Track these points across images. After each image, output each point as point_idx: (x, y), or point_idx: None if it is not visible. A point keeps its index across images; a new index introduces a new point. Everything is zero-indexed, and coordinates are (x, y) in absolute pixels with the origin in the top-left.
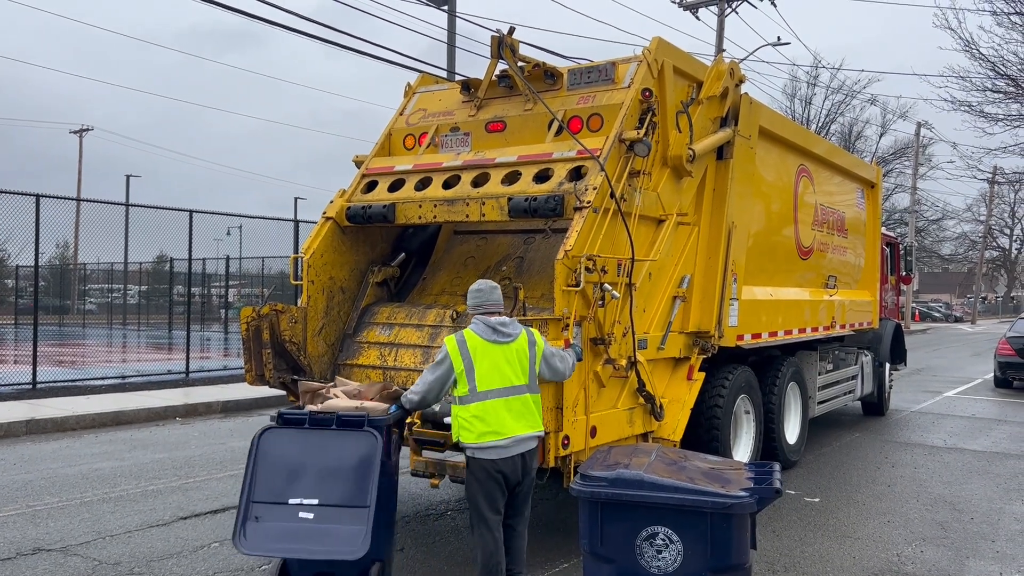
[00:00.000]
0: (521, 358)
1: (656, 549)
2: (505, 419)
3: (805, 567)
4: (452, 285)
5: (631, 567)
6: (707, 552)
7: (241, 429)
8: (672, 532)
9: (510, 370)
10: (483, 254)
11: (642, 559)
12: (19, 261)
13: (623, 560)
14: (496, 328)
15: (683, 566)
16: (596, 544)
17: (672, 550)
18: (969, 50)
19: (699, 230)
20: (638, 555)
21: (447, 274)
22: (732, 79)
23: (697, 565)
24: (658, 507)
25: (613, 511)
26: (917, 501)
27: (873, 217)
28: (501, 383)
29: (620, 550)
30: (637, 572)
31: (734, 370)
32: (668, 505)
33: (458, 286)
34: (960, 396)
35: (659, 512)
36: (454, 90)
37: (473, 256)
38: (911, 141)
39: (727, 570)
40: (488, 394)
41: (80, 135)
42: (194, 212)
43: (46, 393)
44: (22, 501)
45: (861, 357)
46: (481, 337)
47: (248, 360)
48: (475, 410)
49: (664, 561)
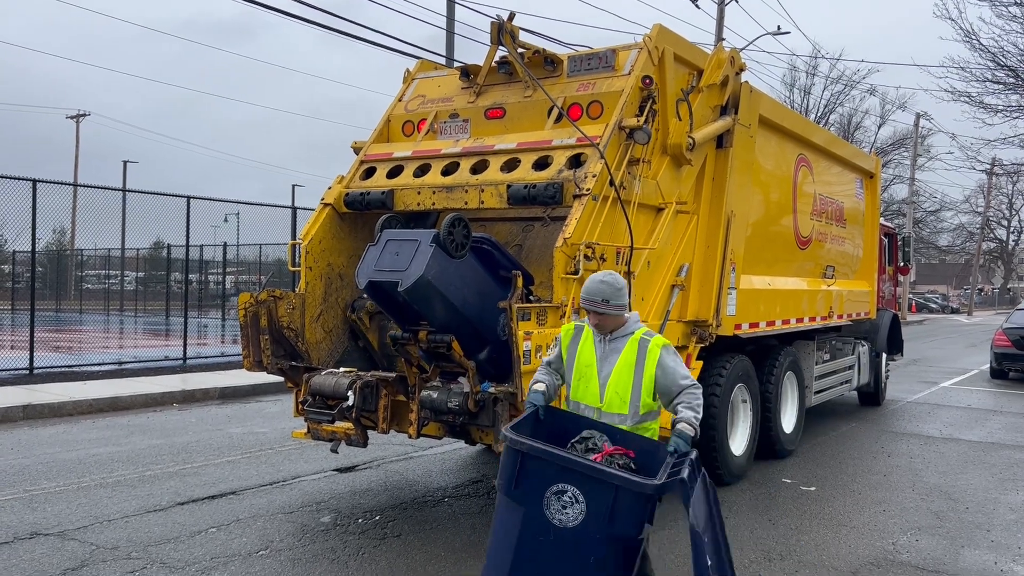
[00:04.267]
0: None
1: (562, 504)
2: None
3: (801, 555)
4: None
5: (536, 514)
6: (606, 518)
7: (239, 415)
8: (580, 493)
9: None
10: None
11: (548, 510)
12: (16, 246)
13: (530, 506)
14: None
15: (582, 524)
16: (511, 487)
17: (576, 508)
18: (969, 40)
19: (698, 219)
20: (545, 505)
21: None
22: (732, 67)
23: (595, 527)
24: (573, 470)
25: (533, 462)
26: (913, 490)
27: (872, 207)
28: None
29: (530, 497)
30: (540, 519)
31: (731, 359)
32: (579, 470)
33: None
34: (956, 387)
35: (573, 473)
36: (453, 76)
37: None
38: (910, 132)
39: (620, 539)
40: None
41: (77, 121)
42: (192, 198)
43: (43, 378)
44: (19, 486)
45: (858, 347)
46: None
47: (246, 346)
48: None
49: (566, 516)
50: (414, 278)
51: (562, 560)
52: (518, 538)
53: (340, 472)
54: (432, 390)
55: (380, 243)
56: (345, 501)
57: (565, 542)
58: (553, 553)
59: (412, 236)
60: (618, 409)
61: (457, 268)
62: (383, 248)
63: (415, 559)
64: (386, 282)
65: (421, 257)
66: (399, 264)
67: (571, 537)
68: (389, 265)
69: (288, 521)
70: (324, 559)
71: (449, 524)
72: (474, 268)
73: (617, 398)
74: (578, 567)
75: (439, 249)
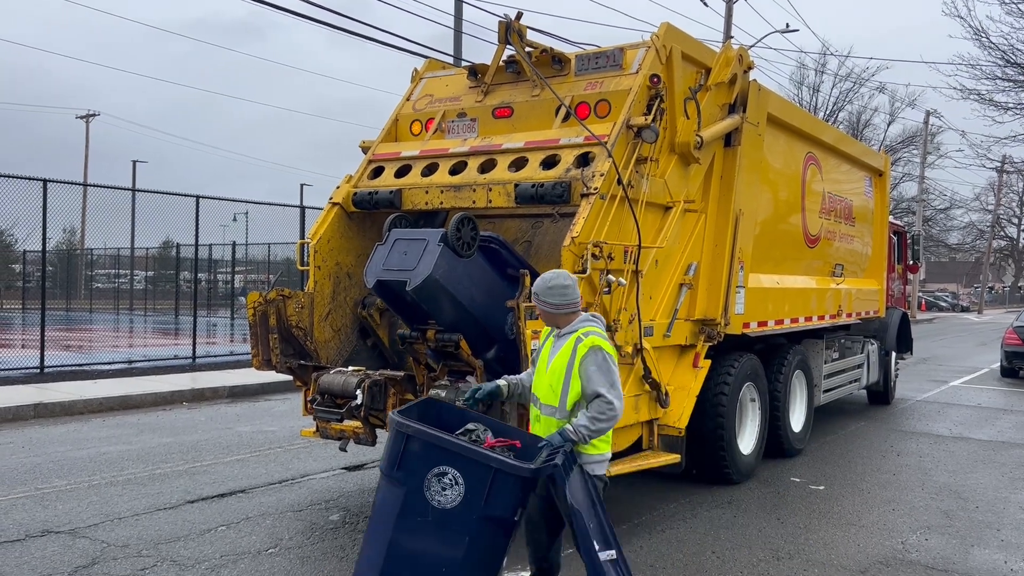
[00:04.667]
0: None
1: (442, 486)
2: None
3: (809, 554)
4: None
5: (416, 495)
6: (483, 500)
7: (248, 414)
8: (460, 475)
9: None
10: None
11: (427, 491)
12: (27, 246)
13: (411, 487)
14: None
15: (460, 505)
16: (393, 469)
17: (455, 490)
18: (978, 38)
19: (706, 217)
20: (425, 487)
21: None
22: (741, 65)
23: (472, 508)
24: (455, 453)
25: (416, 445)
26: (922, 490)
27: (881, 205)
28: None
29: (411, 479)
30: (419, 500)
31: (740, 358)
32: (462, 454)
33: None
34: (966, 385)
35: (454, 456)
36: (461, 76)
37: None
38: (919, 129)
39: (495, 520)
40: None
41: (87, 121)
42: (200, 198)
43: (54, 377)
44: (31, 484)
45: (867, 346)
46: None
47: (255, 345)
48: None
49: (445, 497)
50: (422, 277)
51: (438, 539)
52: (397, 518)
53: (349, 470)
54: (440, 389)
55: (388, 242)
56: (354, 499)
57: (442, 522)
58: (430, 532)
59: (420, 235)
60: (551, 401)
61: (465, 267)
62: (391, 247)
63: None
64: (394, 281)
65: (429, 256)
66: (407, 263)
67: (448, 517)
68: (397, 264)
69: (297, 519)
70: (333, 557)
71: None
72: (482, 267)
73: (551, 391)
74: (453, 545)
75: (447, 248)
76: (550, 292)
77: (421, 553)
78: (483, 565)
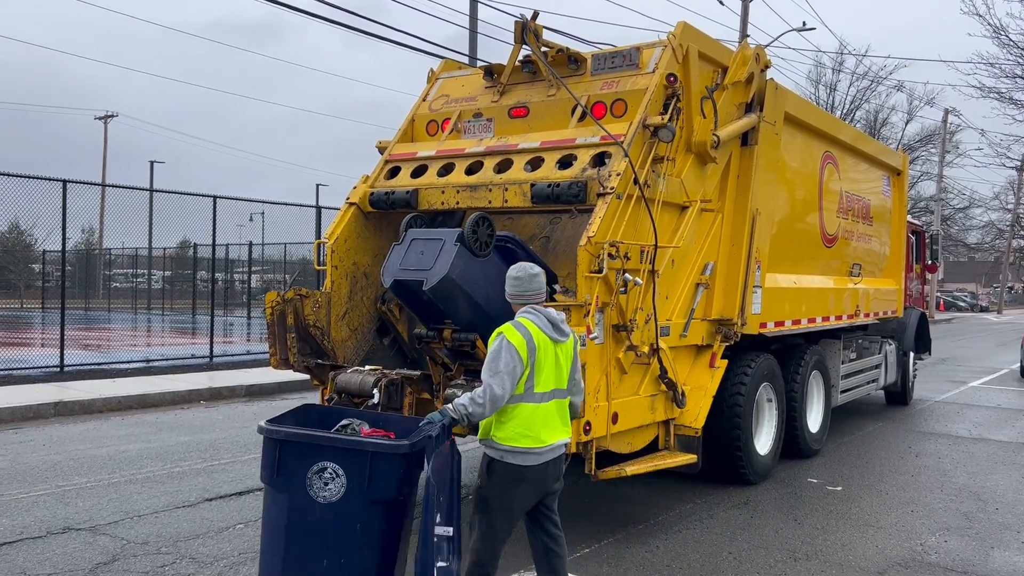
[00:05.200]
0: (568, 360)
1: (324, 481)
2: (548, 424)
3: (827, 555)
4: None
5: (300, 496)
6: (366, 485)
7: (265, 413)
8: (338, 467)
9: (561, 372)
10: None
11: (310, 490)
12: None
13: (294, 490)
14: (557, 324)
15: (344, 496)
16: (274, 476)
17: (337, 483)
18: (998, 36)
19: (723, 217)
20: (308, 487)
21: None
22: (757, 64)
23: (356, 496)
24: (328, 446)
25: (291, 448)
26: (941, 491)
27: (899, 205)
28: (556, 384)
29: (293, 482)
30: (304, 501)
31: (757, 358)
32: (336, 446)
33: None
34: (985, 386)
35: (329, 450)
36: (477, 76)
37: None
38: (938, 128)
39: (382, 502)
40: (545, 396)
41: (105, 121)
42: (218, 198)
43: (73, 376)
44: (52, 481)
45: (885, 346)
46: (543, 332)
47: (273, 344)
48: (526, 411)
49: (329, 492)
50: (439, 277)
51: (330, 534)
52: (286, 523)
53: None
54: (456, 388)
55: (405, 242)
56: None
57: (331, 517)
58: (321, 529)
59: (437, 235)
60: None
61: (481, 267)
62: (408, 247)
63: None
64: (411, 281)
65: (446, 256)
66: (424, 263)
67: (336, 511)
68: (414, 264)
69: None
70: None
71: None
72: (498, 266)
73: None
74: (346, 537)
75: (463, 248)
76: (508, 281)
77: (318, 551)
78: (380, 549)
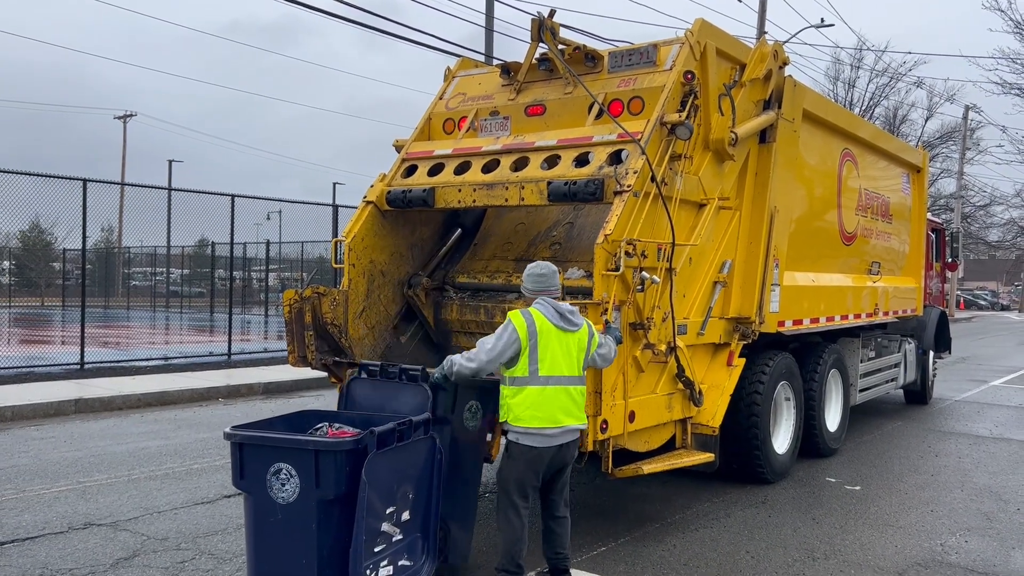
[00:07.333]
0: (580, 350)
1: (281, 482)
2: (558, 408)
3: (846, 554)
4: (502, 250)
5: (262, 497)
6: (314, 484)
7: (283, 410)
8: (292, 468)
9: (571, 360)
10: (532, 220)
11: (270, 490)
12: (66, 244)
13: (257, 491)
14: (565, 315)
15: (300, 496)
16: (238, 479)
17: (293, 483)
18: (1020, 31)
19: (741, 215)
20: (268, 487)
21: (497, 239)
22: (776, 61)
23: (308, 495)
24: (280, 448)
25: (251, 451)
26: (961, 491)
27: (919, 202)
28: (563, 371)
29: (255, 483)
30: (267, 501)
31: (774, 356)
32: (286, 446)
33: (508, 251)
34: (1006, 385)
35: (282, 452)
36: (494, 74)
37: (523, 222)
38: (958, 125)
39: (336, 500)
40: (550, 380)
41: (124, 121)
42: (235, 197)
43: (93, 373)
44: (73, 477)
45: (904, 345)
46: (549, 320)
47: (291, 342)
48: (532, 394)
49: (286, 492)
50: None
51: (291, 533)
52: (253, 525)
53: None
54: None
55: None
56: None
57: (289, 517)
58: (283, 529)
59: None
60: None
61: None
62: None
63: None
64: None
65: None
66: None
67: (293, 511)
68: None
69: None
70: None
71: (492, 517)
72: None
73: None
74: (305, 536)
75: None
76: (529, 279)
77: (282, 552)
78: (337, 548)
